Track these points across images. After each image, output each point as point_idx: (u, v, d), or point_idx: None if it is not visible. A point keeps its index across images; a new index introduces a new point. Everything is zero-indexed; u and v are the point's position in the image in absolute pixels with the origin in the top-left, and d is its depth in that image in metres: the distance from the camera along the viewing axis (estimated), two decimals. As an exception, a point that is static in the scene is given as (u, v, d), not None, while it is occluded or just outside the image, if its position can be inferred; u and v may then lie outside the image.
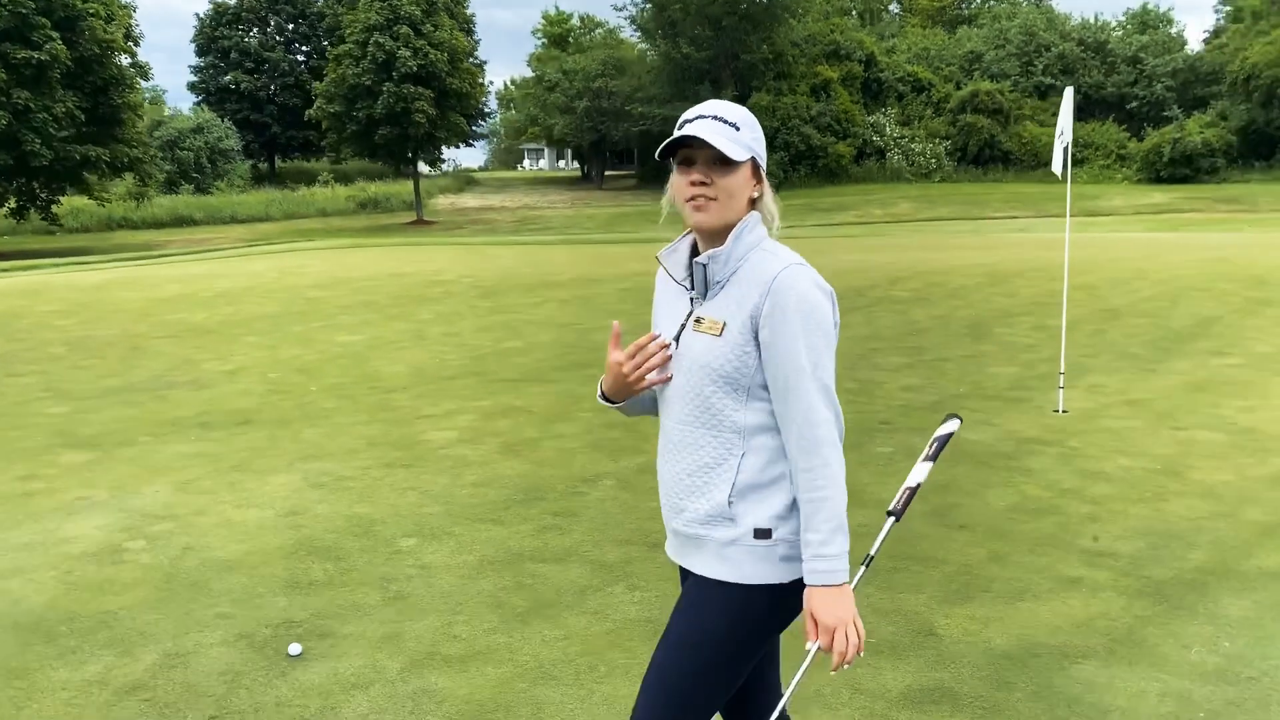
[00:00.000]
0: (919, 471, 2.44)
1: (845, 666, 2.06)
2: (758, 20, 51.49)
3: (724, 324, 2.10)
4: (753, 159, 2.15)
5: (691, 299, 2.20)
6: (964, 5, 75.43)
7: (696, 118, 2.12)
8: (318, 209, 47.63)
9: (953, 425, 2.58)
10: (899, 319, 12.37)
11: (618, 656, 3.89)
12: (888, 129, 53.12)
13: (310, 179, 60.19)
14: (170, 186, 53.63)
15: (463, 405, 8.52)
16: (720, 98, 41.48)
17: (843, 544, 2.04)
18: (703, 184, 2.11)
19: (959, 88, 56.42)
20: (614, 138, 61.14)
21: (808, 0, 54.99)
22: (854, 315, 12.56)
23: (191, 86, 68.42)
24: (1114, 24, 64.11)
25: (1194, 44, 65.21)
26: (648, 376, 2.20)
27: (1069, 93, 7.98)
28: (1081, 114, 56.74)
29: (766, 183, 2.21)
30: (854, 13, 66.68)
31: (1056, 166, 8.03)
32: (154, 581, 4.80)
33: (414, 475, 6.48)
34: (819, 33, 55.44)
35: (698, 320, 2.15)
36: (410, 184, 52.24)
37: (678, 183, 2.15)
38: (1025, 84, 57.36)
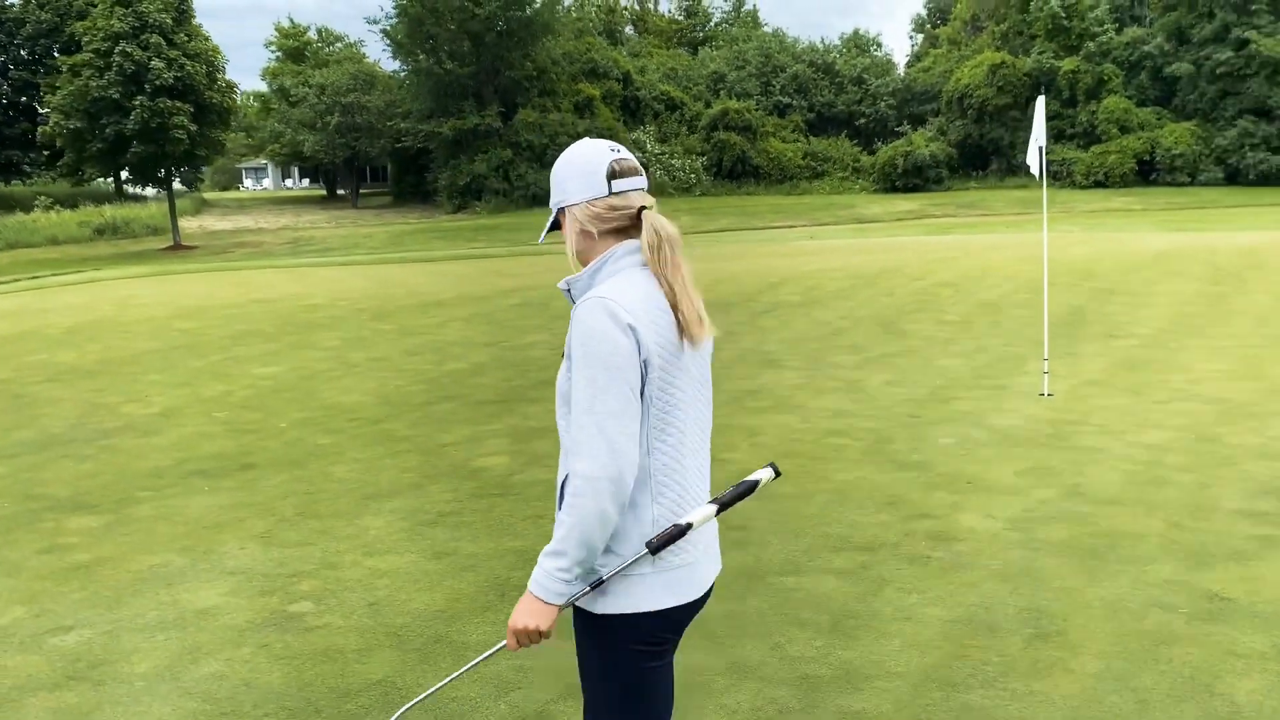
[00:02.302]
0: (701, 512, 2.22)
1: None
2: (519, 37, 51.55)
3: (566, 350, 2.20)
4: (560, 208, 2.28)
5: None
6: (699, 29, 79.15)
7: None
8: (46, 237, 42.44)
9: (765, 474, 2.42)
10: (808, 322, 12.85)
11: (978, 654, 3.85)
12: (648, 145, 54.76)
13: (11, 205, 52.92)
14: None
15: (479, 430, 8.01)
16: (485, 114, 41.67)
17: (560, 565, 2.07)
18: None
19: (708, 106, 59.13)
20: (371, 154, 59.06)
21: (560, 19, 55.72)
22: (764, 319, 12.93)
23: None
24: (836, 48, 69.53)
25: (901, 67, 71.83)
26: None
27: (1040, 101, 8.69)
28: (817, 130, 61.33)
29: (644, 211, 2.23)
30: (599, 32, 68.20)
31: (1034, 169, 8.70)
32: (383, 642, 4.20)
33: (524, 504, 6.03)
34: (575, 51, 56.31)
35: None
36: (149, 207, 47.87)
37: None
38: (766, 103, 61.01)
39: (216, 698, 3.78)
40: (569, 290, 2.28)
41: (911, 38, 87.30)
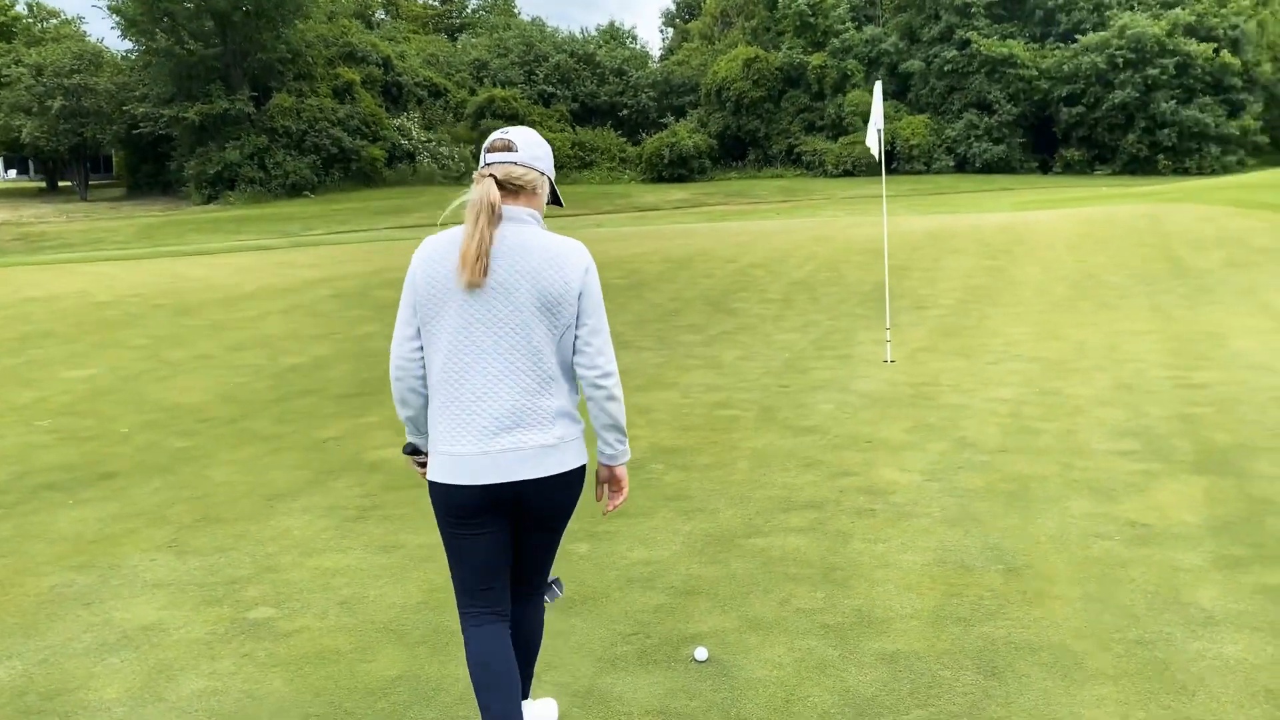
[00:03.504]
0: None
1: None
2: (269, 17, 48.67)
3: None
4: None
5: None
6: (455, 15, 77.85)
7: None
8: None
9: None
10: (642, 304, 13.07)
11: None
12: (414, 133, 53.37)
13: None
14: None
15: (354, 424, 7.62)
16: (235, 98, 39.54)
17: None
18: None
19: (473, 94, 58.35)
20: (102, 141, 53.96)
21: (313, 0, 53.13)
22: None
23: None
24: (594, 39, 70.43)
25: (656, 60, 73.82)
26: None
27: (878, 85, 9.27)
28: (582, 120, 61.95)
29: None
30: (352, 15, 65.61)
31: (875, 150, 9.28)
32: (379, 638, 3.96)
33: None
34: (330, 34, 53.90)
35: None
36: None
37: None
38: (531, 91, 60.92)
39: (222, 713, 3.44)
40: None
41: (662, 31, 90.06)
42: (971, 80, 51.05)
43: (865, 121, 51.79)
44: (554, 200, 3.05)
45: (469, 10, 78.64)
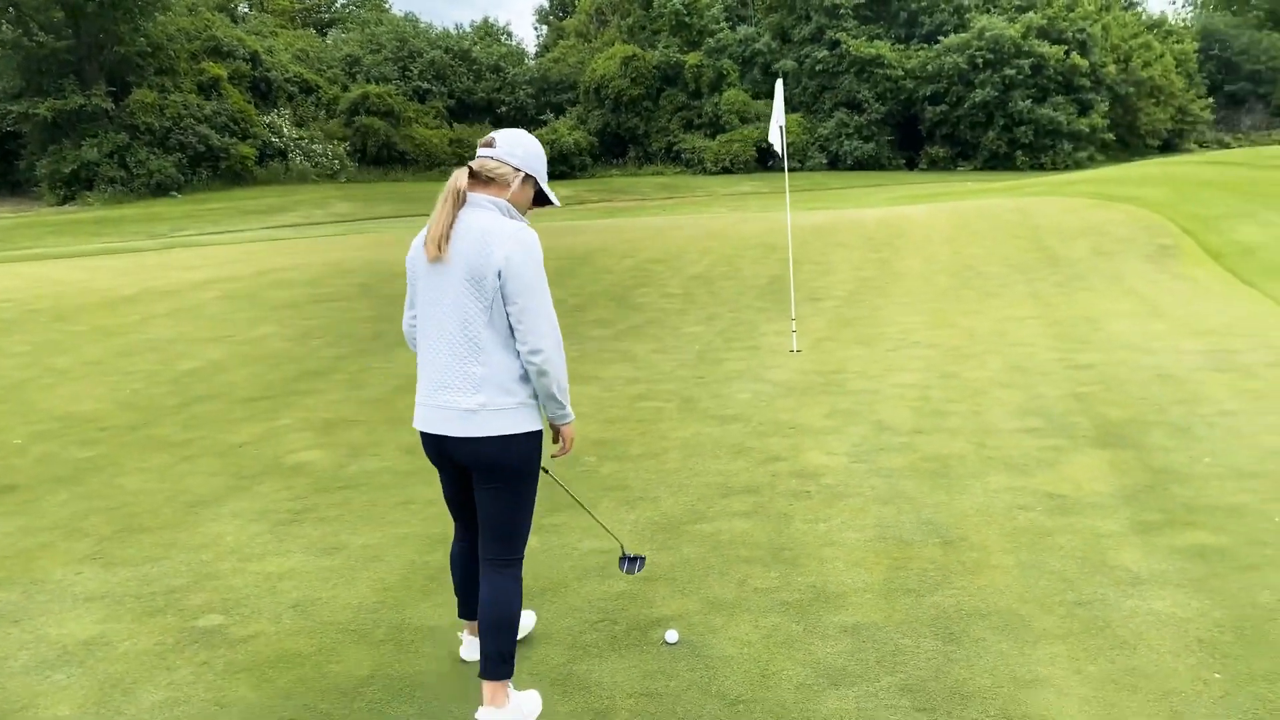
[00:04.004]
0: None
1: None
2: (125, 9, 46.31)
3: None
4: None
5: None
6: (324, 10, 75.75)
7: None
8: None
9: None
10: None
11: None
12: (285, 130, 51.65)
13: None
14: None
15: (268, 427, 7.41)
16: (90, 93, 37.48)
17: None
18: None
19: (345, 90, 56.85)
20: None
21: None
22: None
23: None
24: (469, 35, 69.55)
25: (531, 57, 73.45)
26: None
27: (779, 84, 9.51)
28: (459, 117, 61.15)
29: None
30: (215, 9, 63.09)
31: (777, 147, 9.52)
32: (341, 639, 3.90)
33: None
34: (193, 27, 51.69)
35: None
36: None
37: (529, 201, 3.32)
38: (406, 88, 59.74)
39: (191, 724, 3.34)
40: None
41: (537, 29, 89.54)
42: (842, 80, 52.57)
43: (741, 120, 52.88)
44: (542, 199, 3.32)
45: (338, 5, 76.57)
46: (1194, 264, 13.62)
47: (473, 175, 3.21)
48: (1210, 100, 58.25)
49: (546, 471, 3.44)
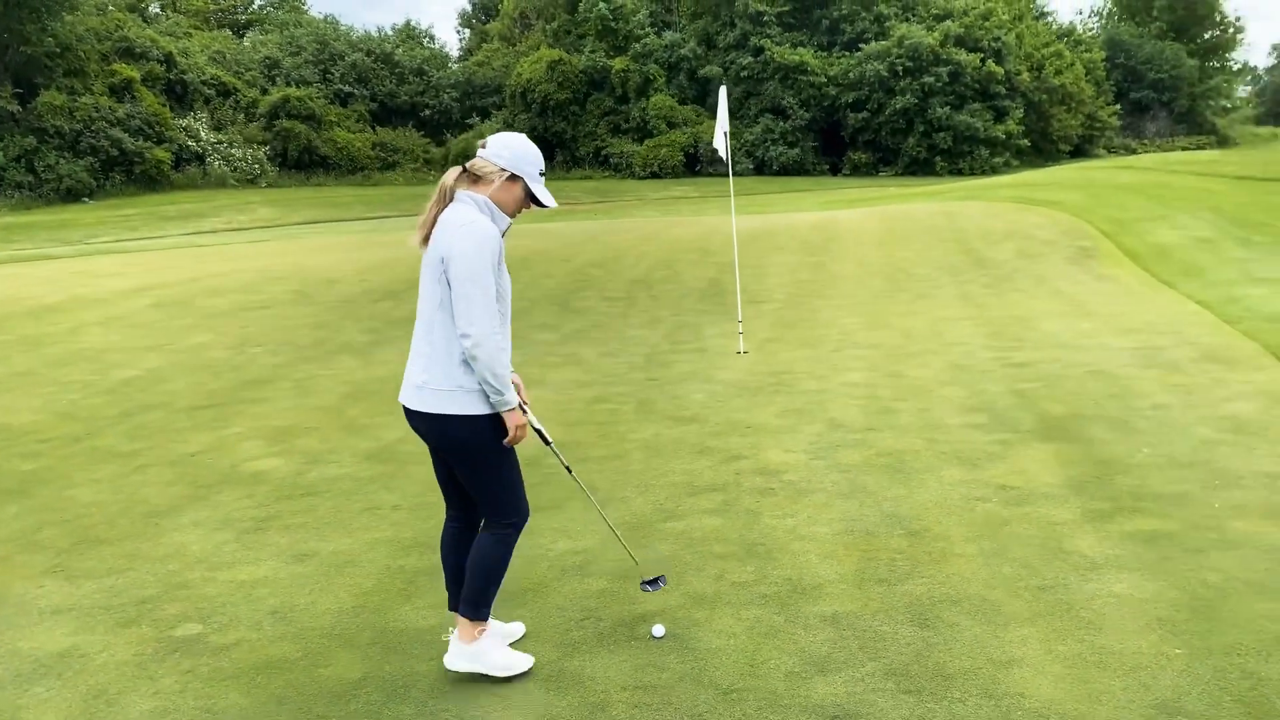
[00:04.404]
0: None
1: None
2: (31, 8, 44.73)
3: None
4: None
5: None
6: (240, 10, 74.13)
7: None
8: None
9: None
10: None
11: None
12: (202, 134, 50.39)
13: None
14: None
15: (218, 436, 7.30)
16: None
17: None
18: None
19: (265, 93, 55.71)
20: None
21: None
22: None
23: None
24: (390, 38, 68.71)
25: (455, 61, 72.83)
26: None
27: (723, 90, 9.67)
28: (382, 121, 60.38)
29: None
30: (125, 8, 61.31)
31: (722, 152, 9.68)
32: (327, 644, 3.90)
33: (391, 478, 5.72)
34: (103, 27, 50.15)
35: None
36: None
37: (520, 200, 3.48)
38: (327, 91, 58.79)
39: (183, 732, 3.32)
40: None
41: (459, 32, 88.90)
42: (766, 86, 53.24)
43: (669, 125, 53.22)
44: (532, 200, 3.46)
45: (255, 6, 75.01)
46: (1114, 265, 14.19)
47: (466, 173, 3.48)
48: (1117, 107, 60.51)
49: (569, 470, 3.90)
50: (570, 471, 3.91)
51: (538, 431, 3.72)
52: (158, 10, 69.18)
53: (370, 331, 11.40)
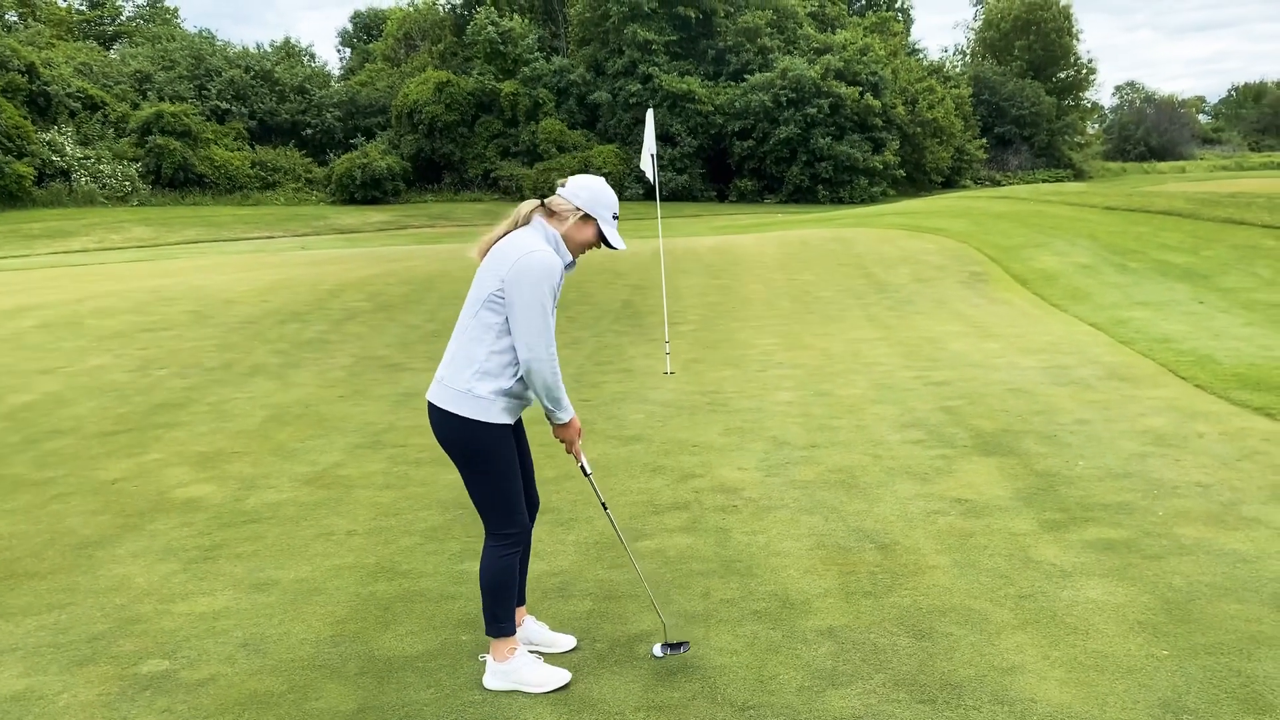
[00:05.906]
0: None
1: None
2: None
3: None
4: None
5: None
6: (108, 21, 71.02)
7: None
8: None
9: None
10: (399, 326, 12.74)
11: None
12: (67, 149, 47.91)
13: None
14: None
15: (138, 463, 6.90)
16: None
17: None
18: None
19: (136, 108, 53.42)
20: None
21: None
22: (351, 325, 12.55)
23: None
24: (269, 55, 66.87)
25: (335, 80, 71.38)
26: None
27: (650, 113, 9.73)
28: (261, 139, 58.62)
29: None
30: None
31: (649, 175, 9.73)
32: (311, 677, 3.71)
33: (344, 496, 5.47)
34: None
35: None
36: None
37: (589, 241, 3.62)
38: (203, 107, 56.79)
39: (175, 775, 3.10)
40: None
41: (340, 51, 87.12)
42: (655, 113, 54.01)
43: (559, 149, 53.32)
44: (603, 241, 3.65)
45: (124, 18, 71.95)
46: (1005, 289, 14.83)
47: (543, 207, 3.65)
48: (983, 141, 63.58)
49: (604, 508, 3.97)
50: (606, 509, 3.88)
51: (580, 466, 3.84)
52: (15, 19, 65.69)
53: (280, 354, 10.99)
